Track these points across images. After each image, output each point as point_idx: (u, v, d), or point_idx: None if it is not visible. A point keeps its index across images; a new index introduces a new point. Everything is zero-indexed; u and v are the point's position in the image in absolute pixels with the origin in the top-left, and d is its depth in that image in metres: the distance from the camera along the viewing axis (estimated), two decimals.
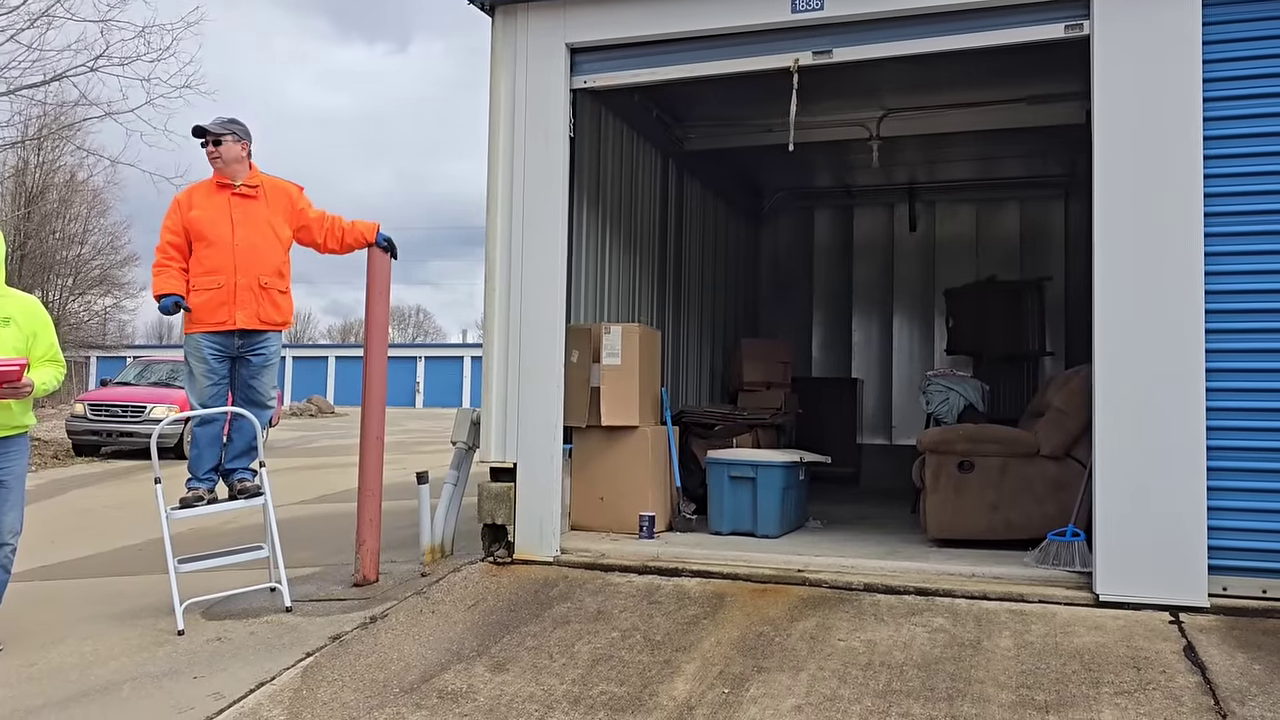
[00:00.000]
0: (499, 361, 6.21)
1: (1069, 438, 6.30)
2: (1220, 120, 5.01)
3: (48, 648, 4.81)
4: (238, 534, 7.17)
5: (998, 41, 5.41)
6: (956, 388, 8.43)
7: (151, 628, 5.06)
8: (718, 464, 7.07)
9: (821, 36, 5.72)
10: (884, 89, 8.08)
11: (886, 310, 12.57)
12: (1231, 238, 4.97)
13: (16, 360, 4.63)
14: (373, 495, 5.80)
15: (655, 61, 6.07)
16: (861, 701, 3.86)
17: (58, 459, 15.21)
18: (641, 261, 8.51)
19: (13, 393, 4.65)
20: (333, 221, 5.85)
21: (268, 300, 5.55)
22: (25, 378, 4.65)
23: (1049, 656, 4.29)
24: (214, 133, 5.53)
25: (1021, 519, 6.25)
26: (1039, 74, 7.25)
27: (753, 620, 4.88)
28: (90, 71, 16.26)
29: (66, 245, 28.53)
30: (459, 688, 4.13)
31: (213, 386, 5.51)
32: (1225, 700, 3.81)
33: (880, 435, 12.23)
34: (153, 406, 15.48)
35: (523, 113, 6.23)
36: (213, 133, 5.53)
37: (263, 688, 4.17)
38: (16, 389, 4.64)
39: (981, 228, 12.13)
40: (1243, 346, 4.94)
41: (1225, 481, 4.90)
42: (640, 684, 4.10)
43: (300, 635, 4.84)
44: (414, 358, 51.20)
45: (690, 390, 9.83)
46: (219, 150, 5.53)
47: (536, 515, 6.08)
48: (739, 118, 8.90)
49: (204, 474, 5.56)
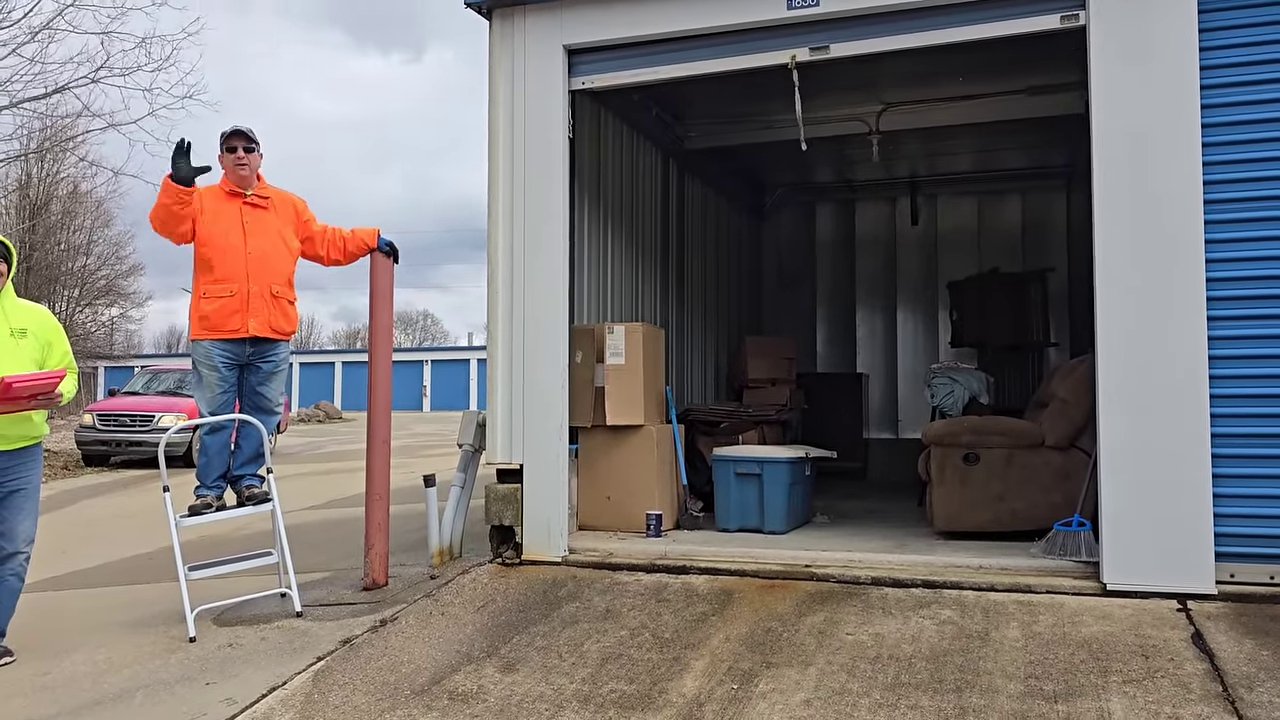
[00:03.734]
0: (503, 364, 6.23)
1: (1074, 427, 6.30)
2: (1218, 107, 5.01)
3: (61, 656, 4.84)
4: (247, 540, 7.20)
5: (994, 34, 5.42)
6: (961, 380, 8.44)
7: (163, 635, 5.09)
8: (724, 461, 7.09)
9: (818, 32, 5.73)
10: (882, 83, 8.07)
11: (890, 304, 12.57)
12: (1231, 225, 4.98)
13: (56, 373, 4.76)
14: (380, 499, 5.82)
15: (652, 61, 6.09)
16: (870, 695, 3.88)
17: (67, 469, 15.27)
18: (644, 260, 8.52)
19: (47, 403, 4.76)
20: (333, 233, 5.89)
21: (278, 309, 5.59)
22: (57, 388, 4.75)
23: (1057, 646, 4.30)
24: (253, 140, 5.58)
25: (1028, 510, 6.25)
26: (1038, 65, 7.24)
27: (761, 616, 4.89)
28: (92, 83, 16.29)
29: (72, 256, 28.65)
30: (469, 689, 4.15)
31: (223, 394, 5.54)
32: (1233, 687, 3.82)
33: (886, 429, 12.23)
34: (161, 415, 15.54)
35: (522, 115, 6.25)
36: (253, 140, 5.58)
37: (275, 692, 4.19)
38: (50, 399, 4.74)
39: (984, 219, 12.12)
40: (1245, 334, 4.94)
41: (1230, 469, 4.91)
42: (650, 682, 4.12)
43: (311, 640, 4.87)
44: (420, 361, 51.23)
45: (695, 388, 9.84)
46: (248, 159, 5.57)
47: (544, 516, 6.10)
48: (739, 115, 8.91)
49: (213, 481, 5.59)
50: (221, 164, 5.63)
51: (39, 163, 25.03)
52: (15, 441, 4.79)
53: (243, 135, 5.58)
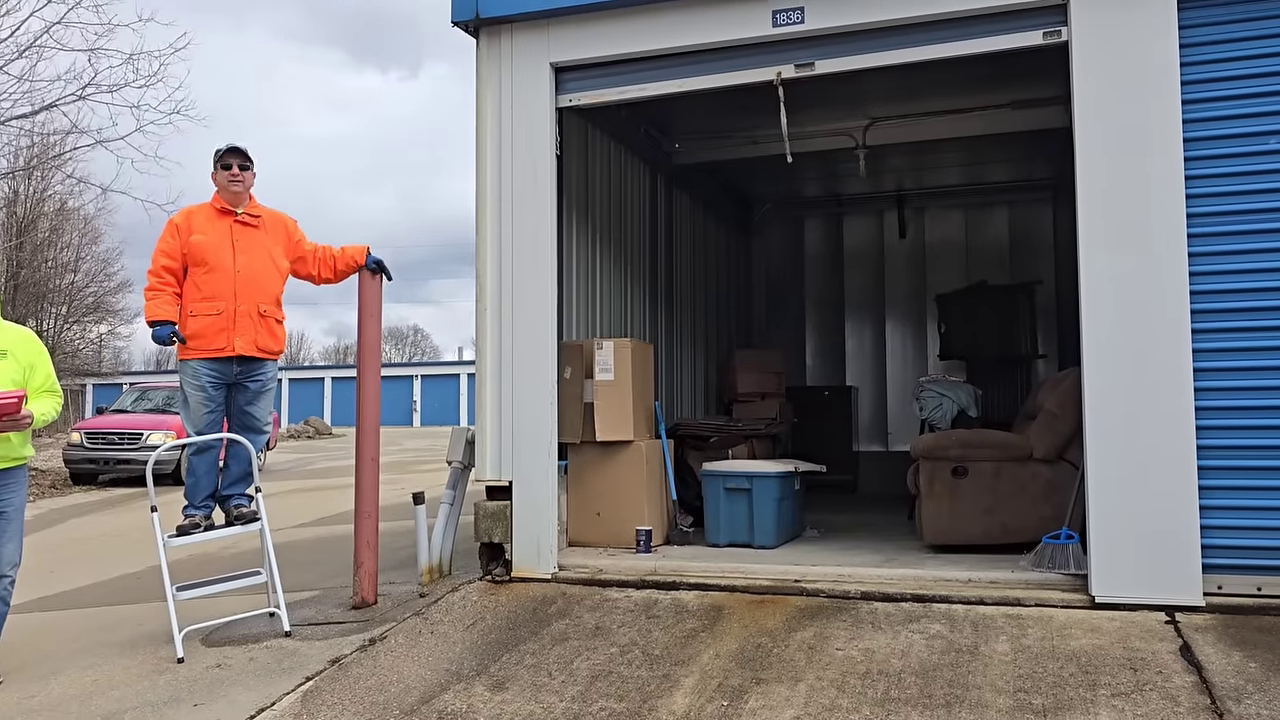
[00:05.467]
0: (492, 380, 6.23)
1: (1062, 440, 6.33)
2: (1200, 122, 5.06)
3: (48, 678, 4.81)
4: (236, 559, 7.17)
5: (977, 50, 5.46)
6: (949, 393, 8.47)
7: (151, 656, 5.06)
8: (713, 476, 7.09)
9: (803, 49, 5.76)
10: (868, 98, 8.13)
11: (879, 317, 12.61)
12: (1215, 238, 5.02)
13: (14, 392, 4.65)
14: (369, 517, 5.81)
15: (639, 78, 6.12)
16: (860, 710, 3.88)
17: (55, 488, 15.18)
18: (633, 276, 8.54)
19: (12, 425, 4.67)
20: (324, 251, 5.91)
21: (265, 328, 5.58)
22: (24, 409, 4.67)
23: (1046, 660, 4.31)
24: (249, 159, 5.62)
25: (1017, 523, 6.27)
26: (1023, 79, 7.30)
27: (751, 632, 4.89)
28: (80, 100, 16.29)
29: (59, 273, 28.56)
30: (459, 708, 4.13)
31: (210, 414, 5.52)
32: (1222, 699, 3.83)
33: (876, 442, 12.25)
34: (149, 433, 15.47)
35: (509, 133, 6.27)
36: (249, 159, 5.62)
37: (263, 713, 4.18)
38: (16, 421, 4.65)
39: (971, 233, 12.18)
40: (1229, 346, 4.97)
41: (1216, 480, 4.93)
42: (639, 699, 4.11)
43: (300, 660, 4.85)
44: (410, 376, 51.17)
45: (685, 402, 9.84)
46: (243, 176, 5.59)
47: (533, 533, 6.09)
48: (726, 130, 8.95)
49: (201, 501, 5.57)
50: (215, 181, 5.64)
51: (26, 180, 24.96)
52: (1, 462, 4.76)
53: (239, 153, 5.60)
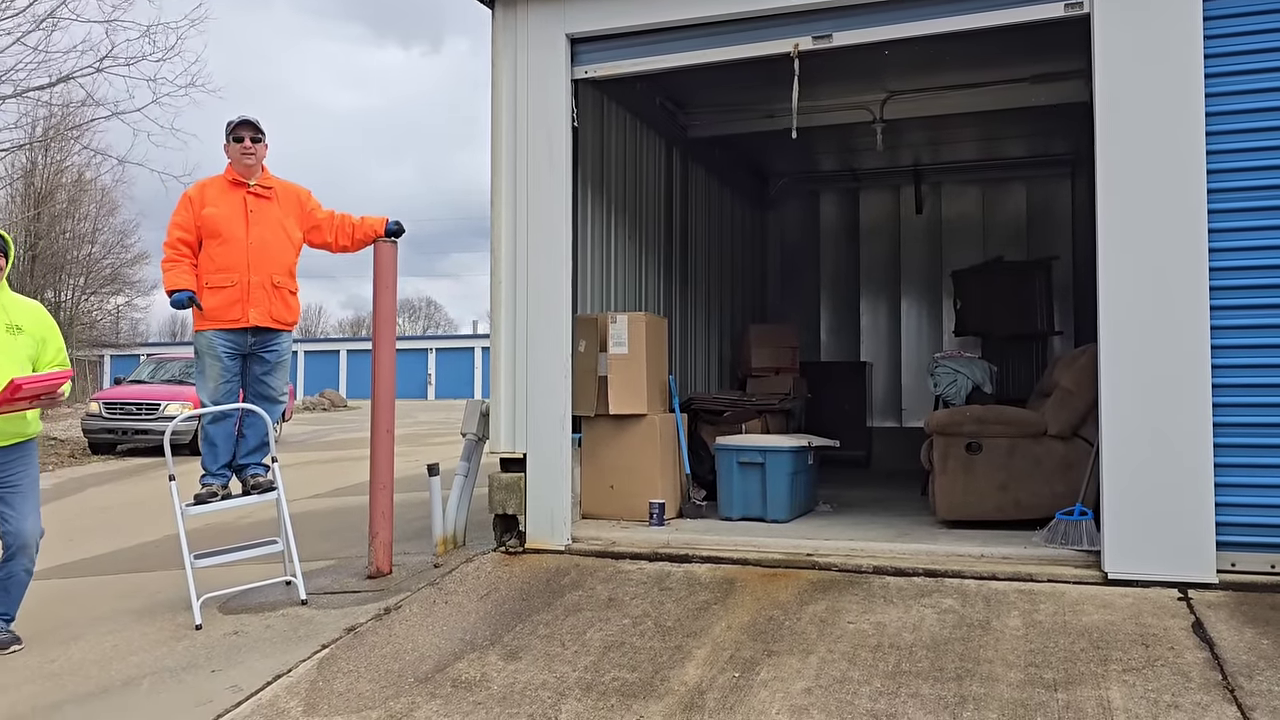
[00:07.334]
0: (506, 353, 6.24)
1: (1076, 416, 6.30)
2: (1223, 96, 4.99)
3: (68, 644, 4.88)
4: (253, 529, 7.25)
5: (997, 22, 5.38)
6: (964, 369, 8.43)
7: (169, 622, 5.13)
8: (727, 450, 7.11)
9: (821, 20, 5.71)
10: (886, 72, 8.04)
11: (894, 293, 12.55)
12: (1235, 214, 4.96)
13: (63, 373, 4.82)
14: (385, 488, 5.85)
15: (655, 50, 6.07)
16: (871, 683, 3.90)
17: (74, 457, 15.35)
18: (647, 249, 8.52)
19: (50, 403, 4.81)
20: (342, 219, 5.91)
21: (279, 299, 5.61)
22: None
23: (1057, 635, 4.32)
24: (261, 131, 5.64)
25: (1030, 499, 6.26)
26: (1043, 53, 7.20)
27: (763, 605, 4.91)
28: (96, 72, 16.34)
29: (77, 245, 28.73)
30: (473, 676, 4.18)
31: (226, 384, 5.57)
32: (1233, 675, 3.83)
33: (890, 418, 12.23)
34: (167, 404, 15.61)
35: (525, 105, 6.24)
36: (261, 131, 5.64)
37: (280, 680, 4.23)
38: (54, 400, 4.79)
39: (988, 208, 12.09)
40: (1248, 323, 4.93)
41: (1232, 458, 4.91)
42: (652, 670, 4.15)
43: (316, 628, 4.91)
44: (425, 350, 51.28)
45: (699, 377, 9.85)
46: (255, 148, 5.62)
47: (547, 505, 6.12)
48: (743, 103, 8.88)
49: (218, 470, 5.62)
50: (227, 153, 5.66)
51: (44, 151, 25.06)
52: (10, 438, 4.84)
53: (251, 125, 5.61)
